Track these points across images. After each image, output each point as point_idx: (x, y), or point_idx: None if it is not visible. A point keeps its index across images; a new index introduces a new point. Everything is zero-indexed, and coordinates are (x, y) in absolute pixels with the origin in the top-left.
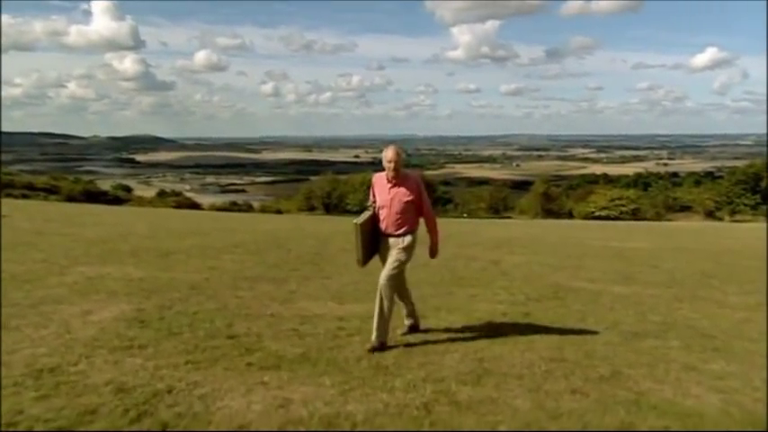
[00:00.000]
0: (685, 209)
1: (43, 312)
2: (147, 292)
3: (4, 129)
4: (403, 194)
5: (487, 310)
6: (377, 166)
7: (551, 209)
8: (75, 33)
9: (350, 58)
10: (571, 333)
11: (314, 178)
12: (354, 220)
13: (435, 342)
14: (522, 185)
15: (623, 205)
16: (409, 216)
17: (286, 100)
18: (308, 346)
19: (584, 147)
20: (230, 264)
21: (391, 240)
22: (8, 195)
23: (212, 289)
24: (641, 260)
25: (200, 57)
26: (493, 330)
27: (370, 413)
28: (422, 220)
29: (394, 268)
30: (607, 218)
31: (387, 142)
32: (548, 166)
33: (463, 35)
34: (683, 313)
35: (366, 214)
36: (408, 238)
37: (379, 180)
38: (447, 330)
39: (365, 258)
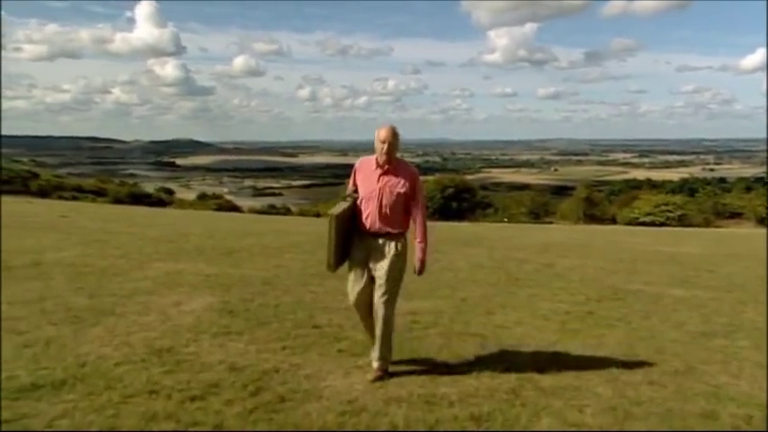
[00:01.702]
0: (735, 215)
1: (140, 302)
2: (225, 286)
3: (54, 133)
4: (396, 184)
5: (550, 309)
6: None
7: (594, 214)
8: (120, 40)
9: (385, 62)
10: (638, 330)
11: None
12: (330, 211)
13: (508, 336)
14: (560, 190)
15: (670, 211)
16: (401, 213)
17: (322, 104)
18: None
19: (625, 151)
20: (293, 262)
21: (374, 242)
22: (60, 197)
23: (284, 285)
24: (696, 265)
25: (239, 62)
26: (561, 326)
27: (463, 395)
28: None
29: (393, 285)
30: (652, 224)
31: (423, 146)
32: (587, 170)
33: (500, 38)
34: (749, 316)
35: (343, 205)
36: (401, 242)
37: (366, 165)
38: (517, 324)
39: (337, 262)
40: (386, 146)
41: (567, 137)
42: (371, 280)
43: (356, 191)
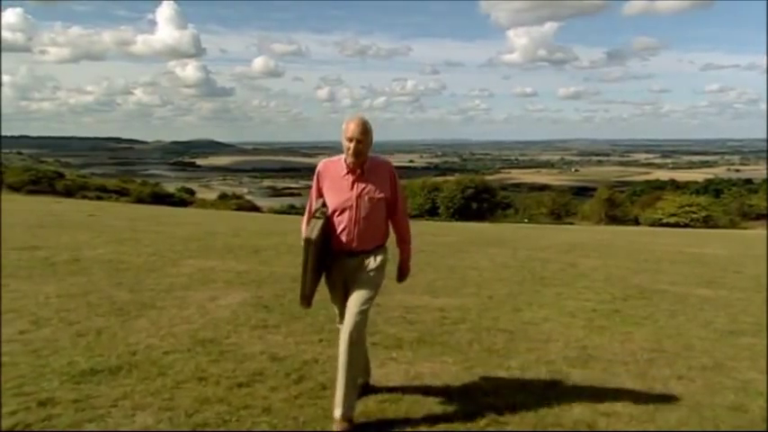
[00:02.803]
0: (762, 216)
1: (178, 296)
2: (256, 282)
3: (77, 134)
4: (373, 190)
5: (577, 307)
6: (432, 170)
7: (615, 215)
8: (142, 42)
9: (404, 62)
10: (666, 328)
11: None
12: (305, 235)
13: (536, 331)
14: (581, 191)
15: (694, 212)
16: (382, 222)
17: (341, 105)
18: (420, 331)
19: (648, 152)
20: None
21: (351, 262)
22: (84, 197)
23: None
24: (722, 266)
25: (258, 63)
26: (588, 323)
27: (496, 386)
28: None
29: (364, 307)
30: (676, 225)
31: (441, 147)
32: (608, 171)
33: (519, 38)
34: None
35: (318, 224)
36: (380, 257)
37: (332, 169)
38: (545, 321)
39: (312, 289)
40: (354, 145)
41: (588, 137)
42: (344, 294)
43: (324, 202)
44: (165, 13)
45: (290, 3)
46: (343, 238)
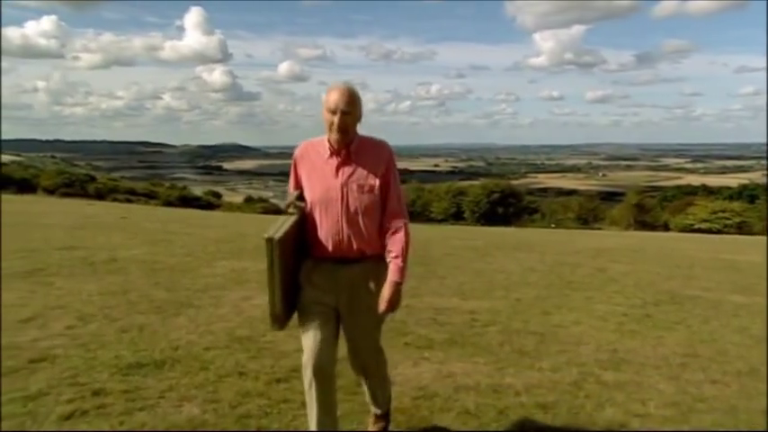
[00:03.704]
0: None
1: (213, 296)
2: None
3: (108, 138)
4: (364, 176)
5: (607, 311)
6: (457, 174)
7: (645, 220)
8: (170, 48)
9: (429, 66)
10: (699, 333)
11: None
12: (267, 234)
13: (566, 334)
14: (609, 196)
15: (728, 218)
16: (376, 218)
17: (365, 109)
18: (451, 332)
19: (679, 156)
20: None
21: (341, 273)
22: (114, 200)
23: None
24: (758, 273)
25: (284, 68)
26: (618, 327)
27: (527, 385)
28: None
29: (378, 337)
30: (709, 231)
31: (467, 151)
32: (637, 176)
33: (546, 41)
34: None
35: (287, 222)
36: (381, 268)
37: (312, 152)
38: (575, 324)
39: (288, 309)
40: (338, 118)
41: (616, 141)
42: (335, 328)
43: (301, 195)
44: (192, 19)
45: (316, 8)
46: (327, 241)
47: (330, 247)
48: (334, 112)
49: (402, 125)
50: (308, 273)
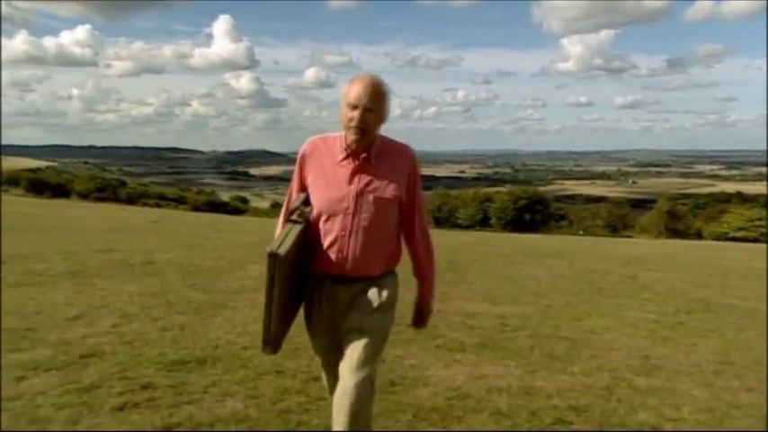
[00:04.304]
0: None
1: (248, 298)
2: None
3: (139, 144)
4: (382, 186)
5: (638, 317)
6: (483, 181)
7: (677, 228)
8: (198, 55)
9: (455, 72)
10: (734, 341)
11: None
12: (270, 248)
13: (597, 340)
14: (640, 203)
15: (764, 227)
16: (391, 235)
17: (391, 115)
18: (481, 336)
19: (712, 163)
20: None
21: (345, 292)
22: (144, 204)
23: None
24: None
25: (310, 74)
26: (650, 334)
27: (559, 388)
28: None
29: (366, 369)
30: (744, 239)
31: (493, 157)
32: (669, 183)
33: (574, 46)
34: None
35: (292, 233)
36: (388, 289)
37: (324, 151)
38: (606, 330)
39: (281, 332)
40: (359, 114)
41: (647, 147)
42: (337, 347)
43: (308, 198)
44: (221, 26)
45: (342, 15)
46: (333, 256)
47: (332, 264)
48: (354, 108)
49: (427, 131)
50: (311, 293)
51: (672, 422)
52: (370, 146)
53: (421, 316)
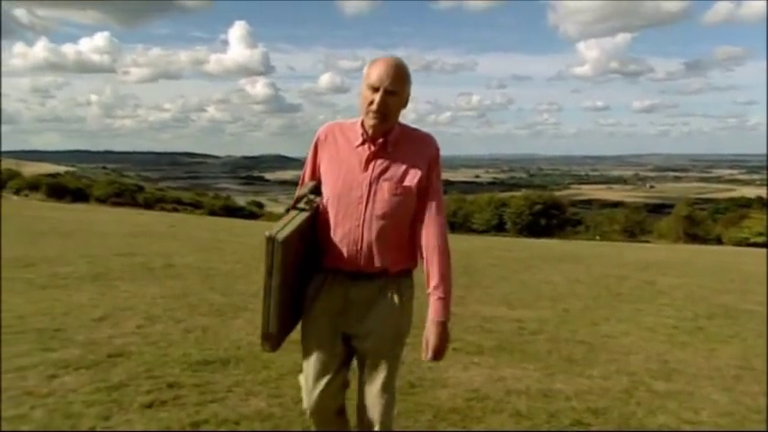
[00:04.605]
0: None
1: None
2: None
3: (155, 149)
4: (398, 175)
5: (657, 322)
6: (498, 186)
7: (696, 233)
8: (214, 61)
9: (470, 77)
10: (754, 347)
11: None
12: (269, 232)
13: (615, 344)
14: (657, 208)
15: None
16: (407, 230)
17: (406, 120)
18: (499, 339)
19: (732, 167)
20: None
21: (357, 291)
22: (161, 209)
23: None
24: None
25: (324, 79)
26: (669, 338)
27: (577, 391)
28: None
29: (394, 369)
30: (765, 245)
31: (509, 162)
32: (687, 187)
33: (590, 50)
34: None
35: (295, 220)
36: (406, 289)
37: (339, 136)
38: (624, 335)
39: (283, 329)
40: (380, 97)
41: (665, 152)
42: (345, 362)
43: (318, 187)
44: (236, 32)
45: (356, 21)
46: (345, 250)
47: (344, 258)
48: (375, 90)
49: (443, 136)
50: (317, 288)
51: (691, 425)
52: (388, 132)
53: (437, 345)
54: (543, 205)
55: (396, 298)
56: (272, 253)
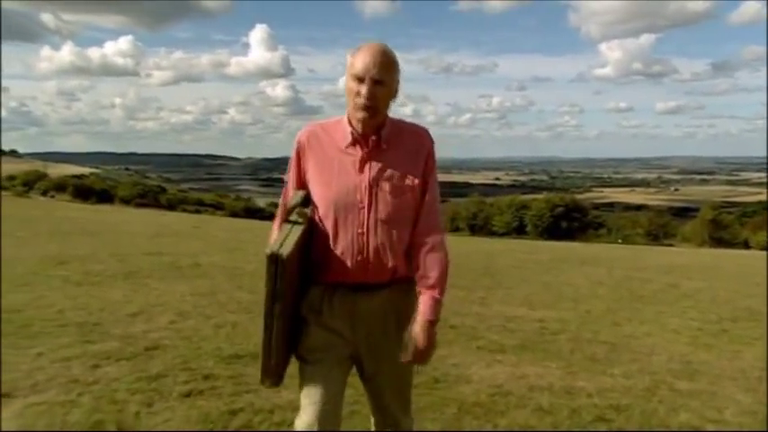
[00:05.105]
0: None
1: None
2: None
3: (177, 151)
4: (398, 174)
5: (680, 324)
6: (518, 188)
7: (722, 237)
8: (235, 64)
9: (490, 79)
10: None
11: (453, 200)
12: (269, 249)
13: (638, 345)
14: (682, 212)
15: None
16: (408, 232)
17: (425, 121)
18: (521, 338)
19: (760, 170)
20: None
21: (360, 305)
22: (184, 210)
23: None
24: None
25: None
26: (692, 340)
27: (599, 389)
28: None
29: (408, 391)
30: None
31: (529, 164)
32: (713, 191)
33: (612, 51)
34: None
35: (293, 234)
36: (411, 297)
37: (324, 138)
38: (646, 335)
39: (284, 357)
40: (367, 89)
41: (690, 154)
42: (344, 383)
43: (306, 197)
44: (257, 35)
45: (376, 23)
46: (350, 261)
47: (349, 270)
48: (361, 80)
49: (462, 138)
50: (316, 305)
51: (713, 423)
52: (379, 127)
53: (421, 348)
54: (564, 208)
55: (406, 308)
56: (275, 274)
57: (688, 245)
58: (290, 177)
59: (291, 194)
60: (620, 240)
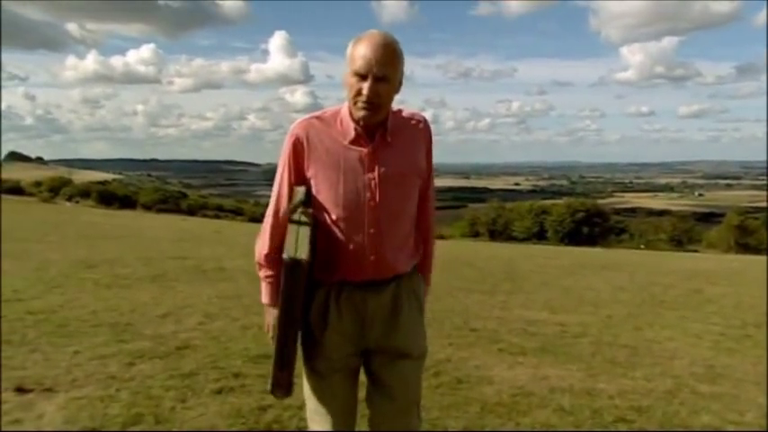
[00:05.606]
0: None
1: None
2: None
3: (198, 157)
4: (405, 166)
5: (702, 329)
6: (538, 193)
7: (748, 243)
8: (255, 71)
9: (509, 83)
10: None
11: (472, 205)
12: (287, 254)
13: (659, 349)
14: (706, 217)
15: None
16: (413, 222)
17: (444, 127)
18: (542, 341)
19: None
20: (435, 277)
21: (369, 303)
22: (204, 215)
23: (434, 295)
24: None
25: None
26: (715, 345)
27: (620, 391)
28: None
29: (411, 386)
30: None
31: (549, 169)
32: (739, 195)
33: (634, 55)
34: None
35: (302, 235)
36: (421, 289)
37: (322, 132)
38: (668, 340)
39: (292, 367)
40: (369, 86)
41: (715, 158)
42: (357, 387)
43: (308, 194)
44: (276, 42)
45: (394, 28)
46: (355, 261)
47: (359, 270)
48: (363, 77)
49: (481, 143)
50: (321, 305)
51: (735, 425)
52: (383, 121)
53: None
54: (585, 213)
55: (415, 301)
56: (294, 280)
57: (713, 251)
58: (283, 176)
59: (285, 192)
60: (642, 246)
